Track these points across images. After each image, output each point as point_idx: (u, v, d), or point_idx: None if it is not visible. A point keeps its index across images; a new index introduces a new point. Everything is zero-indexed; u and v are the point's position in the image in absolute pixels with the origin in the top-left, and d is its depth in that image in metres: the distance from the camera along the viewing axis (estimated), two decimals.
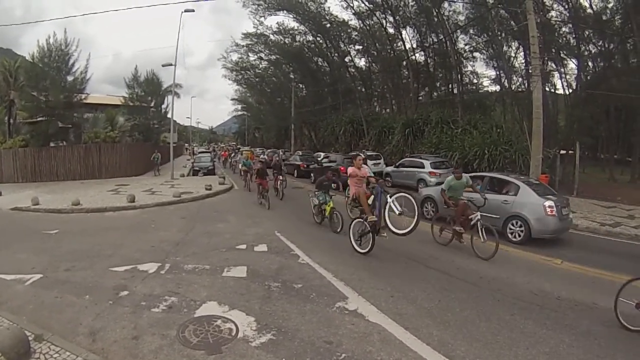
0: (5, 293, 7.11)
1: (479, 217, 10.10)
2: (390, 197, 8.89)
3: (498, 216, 11.69)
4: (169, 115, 42.22)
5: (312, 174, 27.59)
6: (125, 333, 5.55)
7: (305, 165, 29.95)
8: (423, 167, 21.89)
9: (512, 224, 11.48)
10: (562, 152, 25.03)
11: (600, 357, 5.14)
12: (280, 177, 20.01)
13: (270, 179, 18.95)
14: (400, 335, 5.53)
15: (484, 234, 9.83)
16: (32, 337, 5.05)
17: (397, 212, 8.60)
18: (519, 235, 11.26)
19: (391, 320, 5.99)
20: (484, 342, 5.43)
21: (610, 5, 26.18)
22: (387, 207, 8.85)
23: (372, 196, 9.65)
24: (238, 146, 76.05)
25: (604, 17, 26.36)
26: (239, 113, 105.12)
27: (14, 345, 4.59)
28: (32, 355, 4.79)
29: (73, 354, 4.82)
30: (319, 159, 32.06)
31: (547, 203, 11.04)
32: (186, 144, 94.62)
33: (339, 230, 12.03)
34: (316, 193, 13.66)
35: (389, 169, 25.37)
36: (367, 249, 9.53)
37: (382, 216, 9.04)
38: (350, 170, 10.19)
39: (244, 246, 10.41)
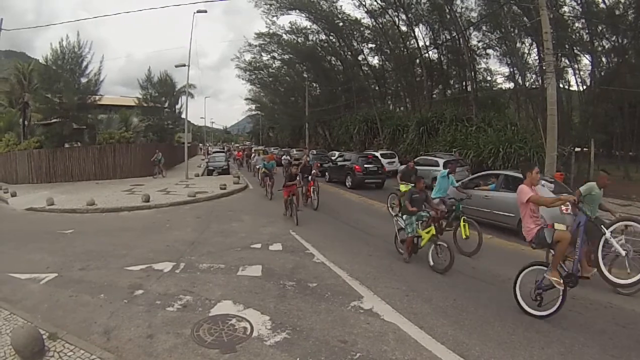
0: (20, 292, 7.20)
1: (622, 240, 6.59)
2: (607, 228, 5.80)
3: (513, 214, 11.60)
4: (183, 116, 42.56)
5: (326, 173, 27.65)
6: (140, 332, 5.58)
7: (319, 164, 29.86)
8: (437, 166, 21.74)
9: None
10: (577, 149, 24.84)
11: (615, 356, 5.07)
12: (312, 183, 16.72)
13: (299, 185, 15.40)
14: (415, 335, 5.50)
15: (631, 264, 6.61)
16: (47, 335, 5.11)
17: (621, 254, 5.82)
18: None
19: (406, 320, 5.97)
20: (499, 341, 5.39)
21: (623, 0, 25.93)
22: (602, 243, 5.81)
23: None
24: (251, 145, 75.99)
25: (617, 12, 26.09)
26: (253, 113, 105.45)
27: (28, 344, 4.64)
28: (47, 354, 4.83)
29: (87, 352, 4.86)
30: (334, 157, 31.91)
31: None
32: (200, 144, 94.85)
33: (443, 269, 8.23)
34: (403, 214, 9.45)
35: (404, 167, 25.27)
36: (551, 310, 6.06)
37: (582, 258, 6.12)
38: (524, 190, 6.51)
39: (258, 245, 10.40)
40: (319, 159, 31.26)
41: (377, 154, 28.36)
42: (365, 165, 23.45)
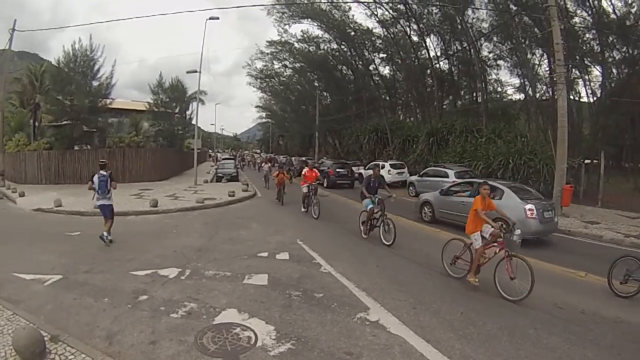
0: (24, 292, 7.21)
1: None
2: None
3: None
4: (193, 122, 42.66)
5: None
6: (143, 337, 5.54)
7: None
8: (447, 177, 21.69)
9: None
10: (587, 161, 24.67)
11: None
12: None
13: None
14: (421, 348, 5.42)
15: None
16: (48, 337, 5.10)
17: None
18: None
19: (413, 333, 5.88)
20: (506, 356, 5.30)
21: (633, 10, 25.79)
22: None
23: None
24: (263, 153, 76.22)
25: (628, 23, 25.96)
26: (263, 120, 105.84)
27: (30, 345, 4.64)
28: (47, 356, 4.83)
29: (88, 356, 4.85)
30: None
31: (528, 206, 12.00)
32: (210, 150, 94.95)
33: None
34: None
35: (413, 178, 25.41)
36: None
37: None
38: None
39: (265, 254, 10.33)
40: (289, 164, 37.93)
41: (386, 163, 29.94)
42: (337, 170, 29.72)
